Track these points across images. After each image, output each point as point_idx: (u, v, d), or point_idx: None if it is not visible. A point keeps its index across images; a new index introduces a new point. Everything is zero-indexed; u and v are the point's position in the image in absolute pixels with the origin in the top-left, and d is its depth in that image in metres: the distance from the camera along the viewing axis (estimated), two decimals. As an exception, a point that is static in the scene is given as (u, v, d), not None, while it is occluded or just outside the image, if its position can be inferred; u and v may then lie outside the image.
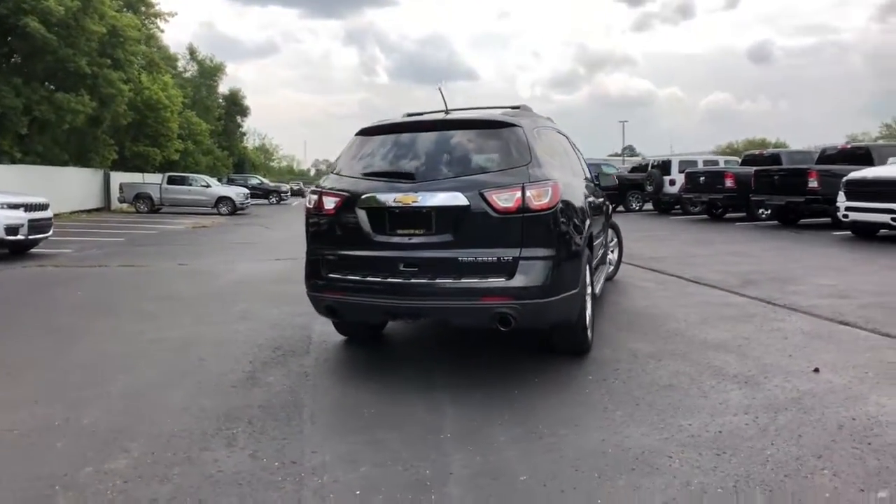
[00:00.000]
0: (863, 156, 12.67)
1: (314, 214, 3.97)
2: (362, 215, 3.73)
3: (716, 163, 20.60)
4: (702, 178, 16.97)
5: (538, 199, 3.50)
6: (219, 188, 24.78)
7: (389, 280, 3.62)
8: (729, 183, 15.95)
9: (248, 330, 5.09)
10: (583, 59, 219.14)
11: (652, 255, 9.32)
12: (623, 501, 2.36)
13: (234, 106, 43.81)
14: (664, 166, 20.28)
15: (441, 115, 4.26)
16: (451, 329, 4.88)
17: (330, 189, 3.93)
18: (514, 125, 3.84)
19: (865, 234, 10.60)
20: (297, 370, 4.04)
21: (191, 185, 24.04)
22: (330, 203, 3.86)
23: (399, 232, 3.66)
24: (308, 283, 4.01)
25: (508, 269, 3.48)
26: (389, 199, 3.65)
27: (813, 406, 3.24)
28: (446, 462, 2.70)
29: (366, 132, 4.14)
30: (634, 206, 22.04)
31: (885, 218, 9.61)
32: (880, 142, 31.02)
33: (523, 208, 3.48)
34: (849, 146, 15.02)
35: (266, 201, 33.24)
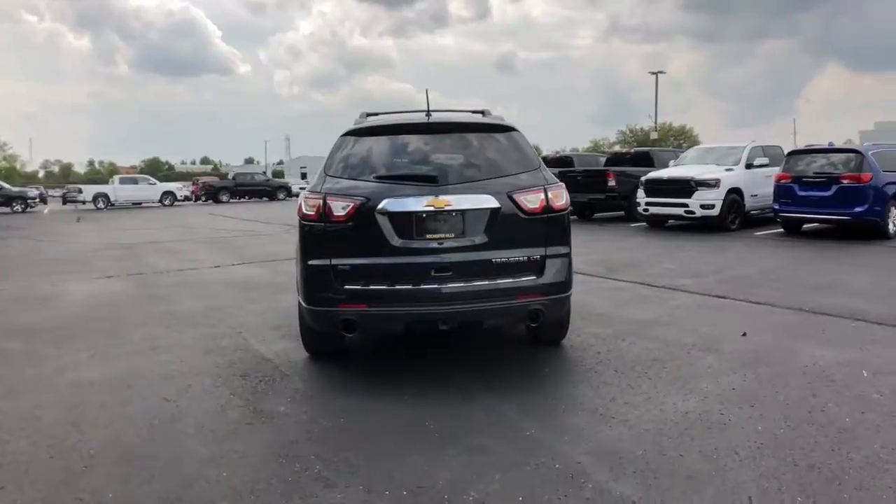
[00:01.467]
0: (645, 159, 15.39)
1: (318, 221, 3.69)
2: (384, 220, 3.61)
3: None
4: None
5: (556, 200, 3.80)
6: (-51, 195, 19.84)
7: (422, 286, 3.58)
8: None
9: (179, 360, 4.45)
10: (342, 59, 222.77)
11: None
12: (729, 451, 2.80)
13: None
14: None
15: (447, 117, 4.26)
16: (407, 334, 4.86)
17: (338, 193, 3.69)
18: (515, 128, 4.07)
19: (657, 224, 12.94)
20: (297, 396, 3.74)
21: None
22: (340, 209, 3.64)
23: (428, 236, 3.64)
24: (312, 298, 3.72)
25: (537, 268, 3.72)
26: (419, 203, 3.60)
27: (772, 361, 4.10)
28: (562, 453, 2.87)
29: (358, 133, 3.99)
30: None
31: (679, 210, 11.89)
32: (615, 147, 37.32)
33: (547, 209, 3.75)
34: (633, 150, 18.01)
35: (9, 209, 27.49)
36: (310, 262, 3.72)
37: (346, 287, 3.61)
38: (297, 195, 39.39)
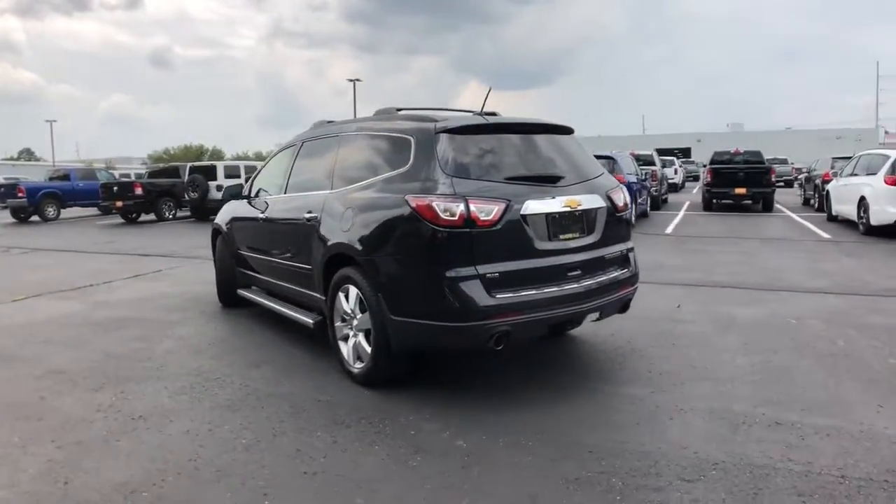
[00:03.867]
0: None
1: (460, 227, 3.40)
2: (527, 222, 3.59)
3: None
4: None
5: (626, 198, 4.26)
6: None
7: (564, 288, 3.66)
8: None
9: (215, 426, 3.49)
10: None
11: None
12: (819, 382, 3.81)
13: None
14: (208, 171, 20.03)
15: (524, 117, 4.24)
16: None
17: (480, 196, 3.47)
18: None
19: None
20: (450, 430, 3.36)
21: None
22: (486, 212, 3.44)
23: (561, 237, 3.73)
24: (460, 314, 3.39)
25: (626, 261, 4.17)
26: (558, 204, 3.67)
27: (734, 322, 5.34)
28: (742, 411, 3.45)
29: (455, 131, 3.74)
30: (168, 214, 20.81)
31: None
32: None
33: (625, 206, 4.18)
34: None
35: None
36: (449, 274, 3.40)
37: (498, 296, 3.44)
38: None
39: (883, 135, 45.69)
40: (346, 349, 4.08)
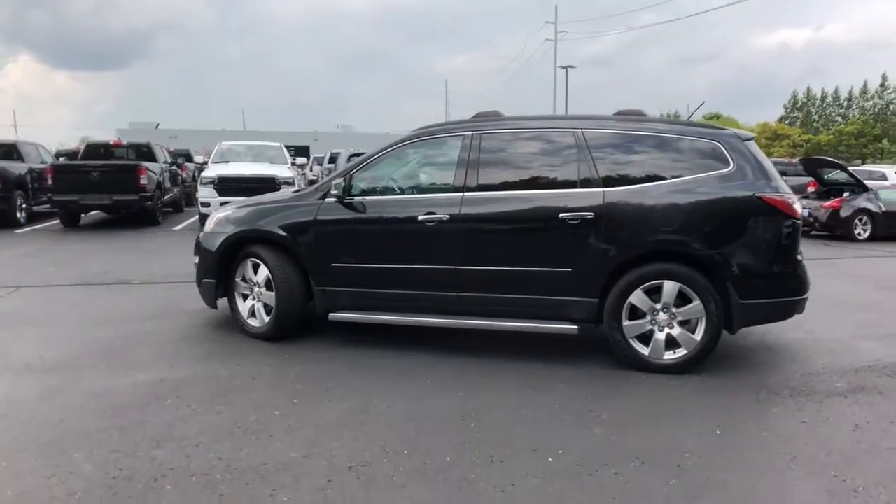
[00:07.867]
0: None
1: (799, 218, 4.35)
2: None
3: None
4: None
5: None
6: None
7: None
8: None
9: None
10: None
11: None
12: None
13: None
14: None
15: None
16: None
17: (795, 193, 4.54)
18: None
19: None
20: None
21: None
22: (799, 207, 4.44)
23: None
24: (805, 287, 4.39)
25: None
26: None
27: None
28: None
29: (750, 139, 4.55)
30: None
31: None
32: None
33: None
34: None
35: None
36: (798, 257, 4.39)
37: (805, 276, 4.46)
38: None
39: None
40: (643, 345, 4.38)
